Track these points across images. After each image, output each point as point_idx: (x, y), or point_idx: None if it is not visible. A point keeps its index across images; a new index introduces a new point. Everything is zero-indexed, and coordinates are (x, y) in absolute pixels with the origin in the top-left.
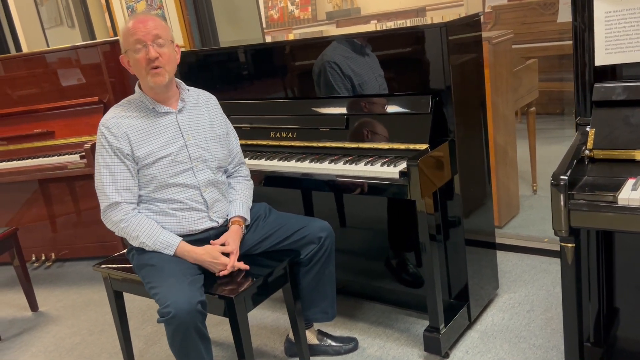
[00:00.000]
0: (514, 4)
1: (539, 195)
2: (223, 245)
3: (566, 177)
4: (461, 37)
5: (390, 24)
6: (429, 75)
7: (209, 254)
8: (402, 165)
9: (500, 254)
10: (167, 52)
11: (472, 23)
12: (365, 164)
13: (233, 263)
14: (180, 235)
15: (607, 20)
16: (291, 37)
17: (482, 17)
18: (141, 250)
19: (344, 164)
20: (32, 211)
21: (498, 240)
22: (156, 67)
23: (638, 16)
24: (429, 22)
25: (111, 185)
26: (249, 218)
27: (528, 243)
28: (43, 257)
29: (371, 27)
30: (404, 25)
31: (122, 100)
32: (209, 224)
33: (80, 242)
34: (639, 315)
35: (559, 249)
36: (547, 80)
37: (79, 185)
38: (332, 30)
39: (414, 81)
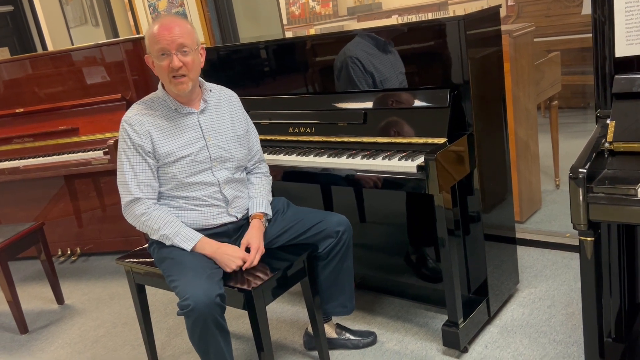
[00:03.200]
0: None
1: (561, 190)
2: (247, 249)
3: (585, 170)
4: (480, 31)
5: (411, 18)
6: (446, 69)
7: (229, 247)
8: (420, 160)
9: (521, 249)
10: (191, 60)
11: (490, 16)
12: (383, 159)
13: (253, 258)
14: (199, 229)
15: (627, 10)
16: (310, 32)
17: (506, 10)
18: (162, 244)
19: (362, 158)
20: (58, 206)
21: (519, 235)
22: (180, 76)
23: None
24: (450, 15)
25: (133, 181)
26: (270, 213)
27: (550, 238)
28: (69, 252)
29: (389, 21)
30: (421, 19)
31: (145, 98)
32: (227, 219)
33: (105, 237)
34: None
35: None
36: (570, 73)
37: (104, 181)
38: (349, 25)
39: (432, 75)
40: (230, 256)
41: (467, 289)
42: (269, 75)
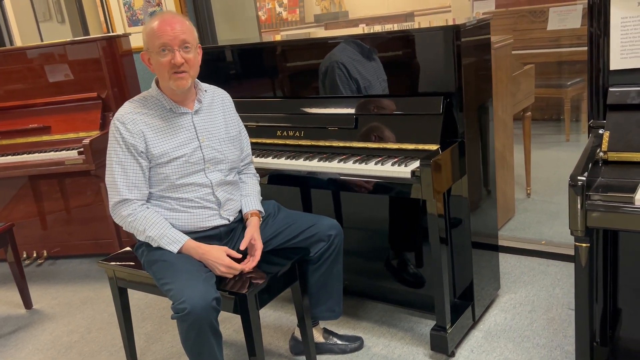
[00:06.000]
0: (504, 11)
1: (532, 199)
2: (242, 254)
3: (584, 178)
4: (472, 40)
5: (378, 28)
6: (439, 77)
7: (214, 253)
8: (414, 165)
9: (499, 256)
10: (192, 57)
11: (482, 26)
12: (376, 164)
13: (258, 259)
14: (190, 232)
15: (623, 25)
16: (275, 38)
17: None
18: (151, 247)
19: (354, 163)
20: (23, 207)
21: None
22: (181, 72)
23: None
24: (416, 26)
25: (123, 182)
26: (263, 212)
27: (526, 245)
28: (35, 254)
29: (356, 30)
30: (417, 27)
31: (138, 96)
32: (219, 222)
33: (74, 240)
34: None
35: (556, 252)
36: (538, 86)
37: (73, 181)
38: (316, 33)
39: (425, 82)
40: (215, 263)
41: (452, 294)
42: (256, 77)
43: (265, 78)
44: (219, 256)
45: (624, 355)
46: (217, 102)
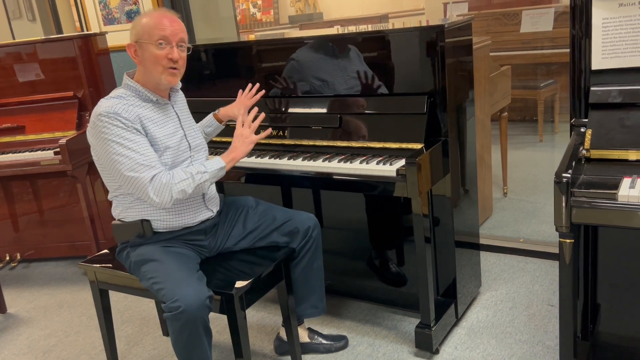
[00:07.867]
0: (478, 14)
1: (509, 198)
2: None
3: (569, 175)
4: (455, 40)
5: (352, 29)
6: (423, 76)
7: (241, 139)
8: (399, 164)
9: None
10: (184, 57)
11: (464, 27)
12: (360, 162)
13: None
14: (179, 228)
15: (604, 26)
16: (254, 36)
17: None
18: (139, 247)
19: (338, 162)
20: None
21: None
22: (174, 69)
23: (634, 23)
24: (390, 27)
25: (144, 160)
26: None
27: (505, 243)
28: (7, 258)
29: (331, 30)
30: (402, 27)
31: (115, 93)
32: (206, 214)
33: (48, 242)
34: (618, 311)
35: (534, 249)
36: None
37: (47, 182)
38: (290, 33)
39: (408, 82)
40: (245, 139)
41: (436, 292)
42: (237, 76)
43: (247, 77)
44: (247, 136)
45: (604, 348)
46: (178, 94)
